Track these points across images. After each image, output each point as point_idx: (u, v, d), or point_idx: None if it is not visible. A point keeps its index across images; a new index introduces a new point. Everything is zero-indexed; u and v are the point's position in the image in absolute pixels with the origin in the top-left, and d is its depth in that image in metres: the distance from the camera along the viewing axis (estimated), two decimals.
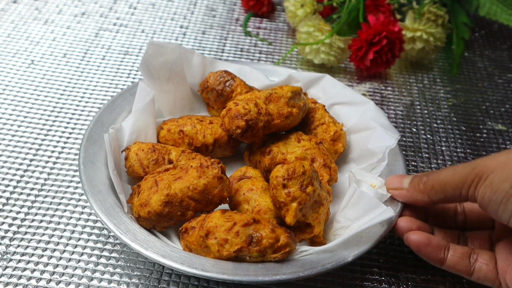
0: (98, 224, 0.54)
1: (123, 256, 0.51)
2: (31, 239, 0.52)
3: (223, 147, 0.58)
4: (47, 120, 0.66)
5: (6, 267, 0.49)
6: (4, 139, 0.63)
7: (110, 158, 0.51)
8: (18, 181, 0.58)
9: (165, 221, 0.49)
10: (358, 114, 0.58)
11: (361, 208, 0.47)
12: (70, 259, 0.51)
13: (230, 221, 0.45)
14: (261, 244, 0.44)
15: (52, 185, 0.58)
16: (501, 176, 0.41)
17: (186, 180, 0.47)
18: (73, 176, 0.59)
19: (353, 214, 0.48)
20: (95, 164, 0.53)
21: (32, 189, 0.57)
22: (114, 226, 0.47)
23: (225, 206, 0.52)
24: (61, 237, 0.52)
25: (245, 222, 0.44)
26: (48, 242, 0.52)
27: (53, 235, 0.53)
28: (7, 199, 0.56)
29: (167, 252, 0.45)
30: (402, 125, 0.70)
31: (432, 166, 0.64)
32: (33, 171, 0.59)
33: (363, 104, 0.59)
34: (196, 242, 0.46)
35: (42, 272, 0.49)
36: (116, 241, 0.52)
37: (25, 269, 0.49)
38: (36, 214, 0.55)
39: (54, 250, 0.51)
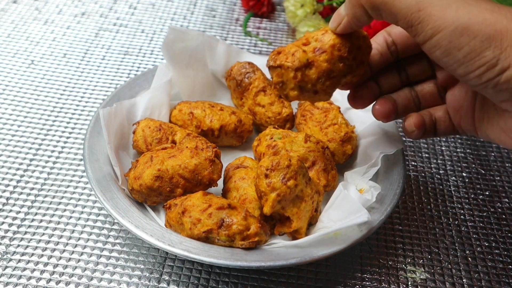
0: (98, 224, 0.54)
1: (123, 256, 0.51)
2: (31, 239, 0.52)
3: (229, 135, 0.59)
4: (47, 120, 0.66)
5: (6, 267, 0.49)
6: (4, 139, 0.63)
7: (105, 132, 0.53)
8: (18, 181, 0.58)
9: (155, 195, 0.51)
10: (370, 121, 0.59)
11: (344, 211, 0.48)
12: (69, 259, 0.51)
13: (207, 202, 0.47)
14: (230, 229, 0.45)
15: (52, 184, 0.58)
16: (452, 40, 0.37)
17: (179, 158, 0.50)
18: (73, 176, 0.59)
19: (336, 215, 0.49)
20: (100, 135, 0.55)
21: (32, 189, 0.57)
22: (100, 193, 0.49)
23: (216, 191, 0.53)
24: (61, 236, 0.53)
25: (220, 206, 0.46)
26: (48, 242, 0.52)
27: (53, 235, 0.53)
28: (7, 199, 0.56)
29: (141, 223, 0.47)
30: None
31: (432, 166, 0.64)
32: (33, 171, 0.59)
33: None
34: (175, 219, 0.48)
35: (42, 272, 0.49)
36: (115, 241, 0.52)
37: (25, 269, 0.49)
38: (36, 214, 0.55)
39: (54, 249, 0.51)
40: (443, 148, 0.67)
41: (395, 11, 0.38)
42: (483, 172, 0.64)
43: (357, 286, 0.50)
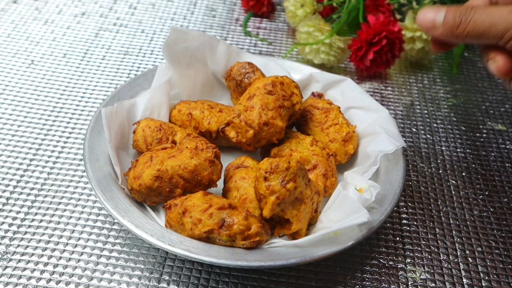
0: (98, 224, 0.54)
1: (123, 256, 0.51)
2: (31, 239, 0.52)
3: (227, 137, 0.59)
4: (47, 120, 0.66)
5: (6, 267, 0.49)
6: (4, 139, 0.63)
7: (106, 131, 0.53)
8: (18, 181, 0.58)
9: (154, 195, 0.51)
10: (370, 120, 0.59)
11: (344, 211, 0.48)
12: (69, 259, 0.51)
13: (207, 203, 0.46)
14: (231, 229, 0.45)
15: (52, 184, 0.58)
16: None
17: (179, 159, 0.50)
18: (73, 175, 0.59)
19: (336, 216, 0.49)
20: (100, 135, 0.55)
21: (32, 188, 0.57)
22: (100, 192, 0.49)
23: (217, 190, 0.53)
24: (61, 236, 0.53)
25: (220, 206, 0.46)
26: (48, 242, 0.52)
27: (53, 235, 0.53)
28: (7, 199, 0.56)
29: (141, 223, 0.47)
30: (402, 125, 0.70)
31: (432, 166, 0.64)
32: (33, 171, 0.59)
33: (378, 111, 0.59)
34: (175, 219, 0.48)
35: (42, 271, 0.49)
36: (115, 241, 0.52)
37: (25, 269, 0.49)
38: (36, 214, 0.55)
39: (54, 249, 0.51)
40: (443, 148, 0.67)
41: (481, 33, 0.46)
42: (483, 172, 0.64)
43: (357, 286, 0.50)
